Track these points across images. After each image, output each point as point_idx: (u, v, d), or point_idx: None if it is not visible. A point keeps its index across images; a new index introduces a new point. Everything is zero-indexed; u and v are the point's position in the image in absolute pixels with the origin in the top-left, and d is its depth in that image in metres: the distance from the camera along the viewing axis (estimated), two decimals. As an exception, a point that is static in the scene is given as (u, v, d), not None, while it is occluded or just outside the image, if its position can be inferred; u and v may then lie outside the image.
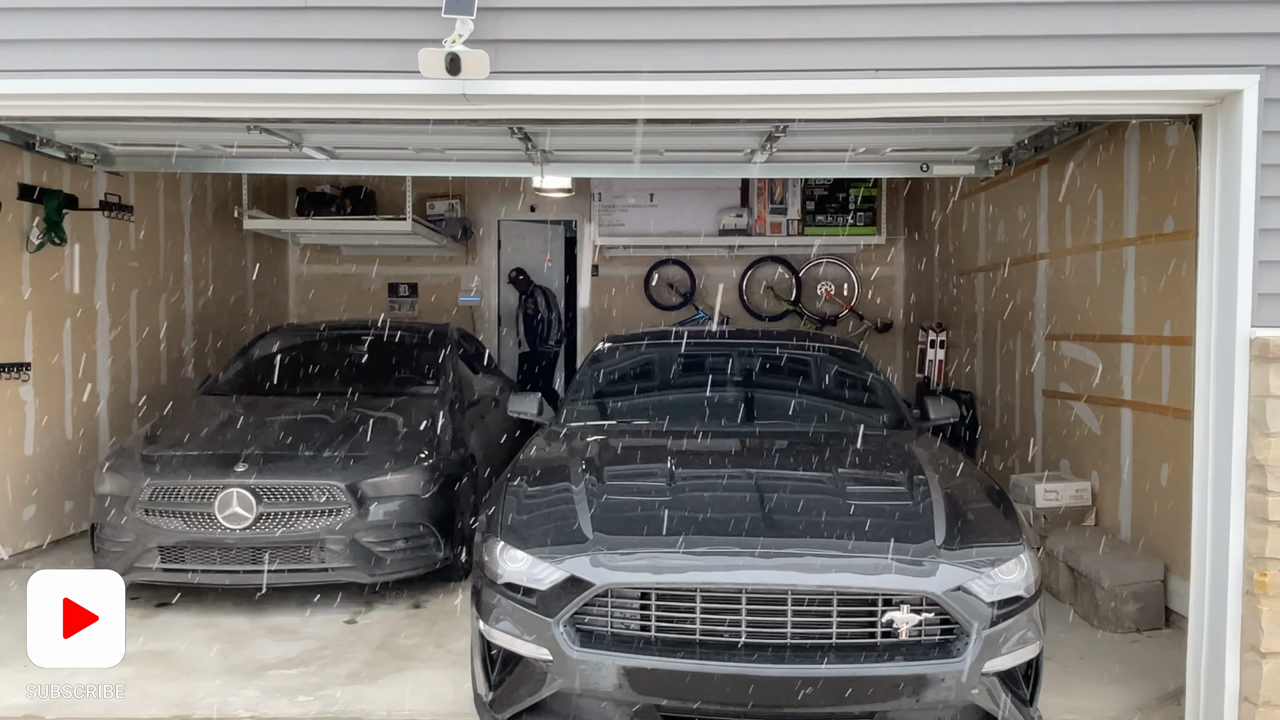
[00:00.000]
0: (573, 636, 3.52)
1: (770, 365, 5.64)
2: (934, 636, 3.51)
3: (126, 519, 5.55)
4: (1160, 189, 5.47)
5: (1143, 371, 5.70)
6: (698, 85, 4.02)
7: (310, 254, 11.23)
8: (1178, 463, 5.06)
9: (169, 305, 8.56)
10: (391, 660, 4.92)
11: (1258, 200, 3.90)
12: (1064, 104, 4.21)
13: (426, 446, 6.03)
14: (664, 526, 3.74)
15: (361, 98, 4.13)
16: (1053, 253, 6.95)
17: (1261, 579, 3.91)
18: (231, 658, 4.96)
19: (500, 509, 4.03)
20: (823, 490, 4.03)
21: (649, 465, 4.46)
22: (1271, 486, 3.88)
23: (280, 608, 5.66)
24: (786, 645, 3.47)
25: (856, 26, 3.93)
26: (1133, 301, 5.80)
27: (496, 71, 3.84)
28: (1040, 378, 7.15)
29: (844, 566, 3.52)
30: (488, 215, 11.32)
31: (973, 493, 4.14)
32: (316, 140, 5.93)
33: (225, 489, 5.46)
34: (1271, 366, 3.88)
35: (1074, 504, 6.30)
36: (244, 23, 4.03)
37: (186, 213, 8.87)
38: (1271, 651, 3.92)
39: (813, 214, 10.16)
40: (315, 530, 5.51)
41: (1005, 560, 3.63)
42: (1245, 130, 3.90)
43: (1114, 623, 5.31)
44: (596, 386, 5.69)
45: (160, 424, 6.36)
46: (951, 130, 5.67)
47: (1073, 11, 3.91)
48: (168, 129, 5.61)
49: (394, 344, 7.47)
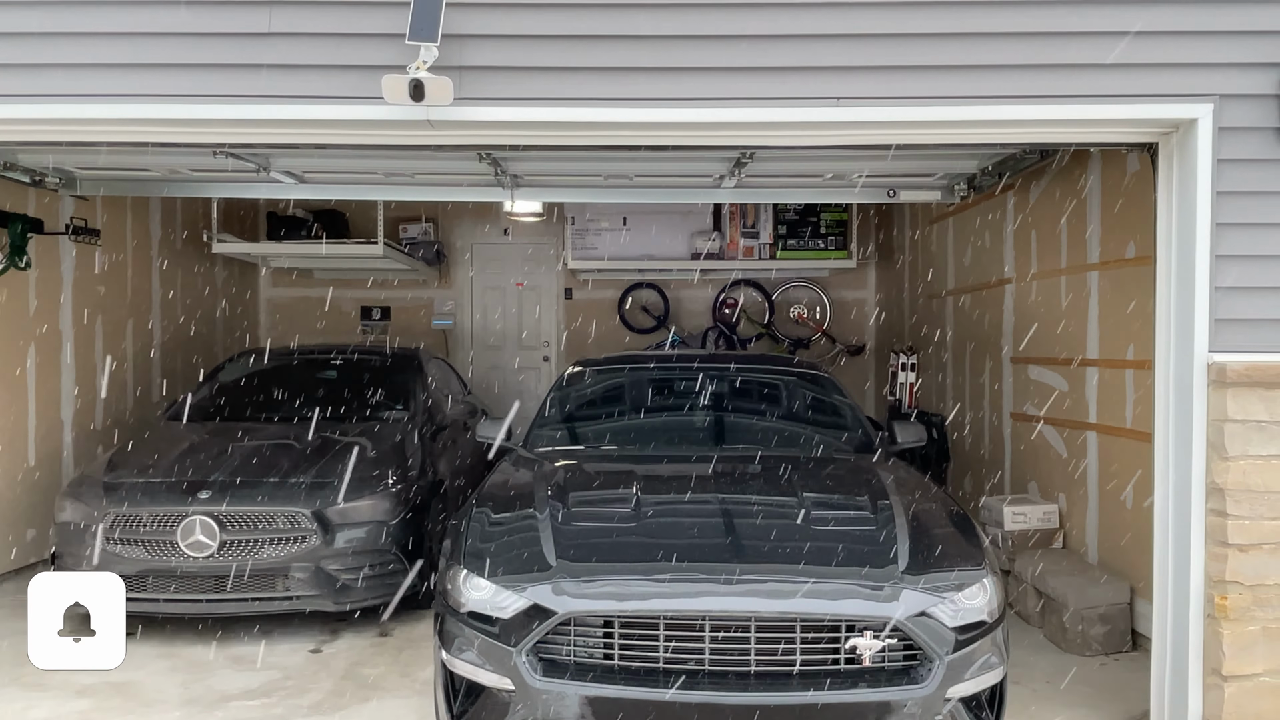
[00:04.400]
0: (535, 666, 3.49)
1: (737, 389, 5.65)
2: (897, 662, 3.50)
3: (88, 547, 5.45)
4: (1122, 215, 5.54)
5: (1107, 395, 5.75)
6: (662, 113, 4.05)
7: (281, 277, 11.17)
8: (1141, 486, 5.10)
9: (136, 329, 8.47)
10: (356, 690, 4.85)
11: (1213, 227, 3.97)
12: (1023, 132, 4.27)
13: (394, 472, 5.98)
14: (628, 553, 3.72)
15: (326, 123, 4.14)
16: (1019, 277, 7.03)
17: (1222, 602, 3.95)
18: (192, 689, 4.88)
19: (463, 536, 3.99)
20: (787, 516, 4.03)
21: (614, 491, 4.44)
22: (1230, 510, 3.93)
23: (244, 637, 5.57)
24: (750, 673, 3.45)
25: (817, 56, 3.98)
26: (1096, 326, 5.87)
27: (461, 98, 3.86)
28: (1008, 401, 7.21)
29: (807, 592, 3.51)
30: (461, 239, 11.32)
31: (937, 517, 4.15)
32: (284, 164, 5.92)
33: (188, 517, 5.38)
34: (1229, 391, 3.93)
35: (1042, 526, 6.33)
36: (208, 48, 4.03)
37: (155, 237, 8.81)
38: (1233, 675, 3.95)
39: (784, 238, 10.23)
40: (280, 558, 5.44)
41: (968, 585, 3.63)
42: (1200, 158, 3.98)
43: (1081, 645, 5.33)
44: (564, 411, 5.68)
45: (123, 450, 6.28)
46: (916, 157, 5.74)
47: (1030, 41, 3.99)
48: (133, 153, 5.58)
49: (363, 368, 7.42)
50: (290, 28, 3.99)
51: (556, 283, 11.44)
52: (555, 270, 11.35)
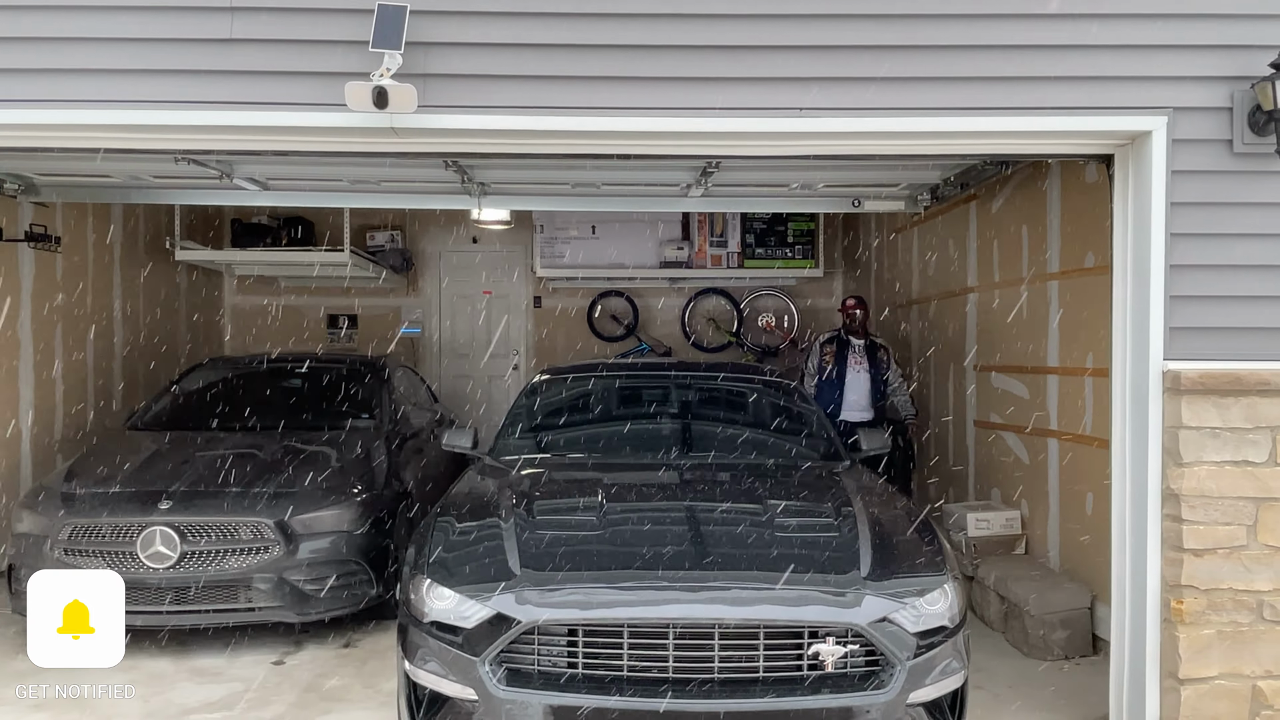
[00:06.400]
0: (499, 675, 3.48)
1: (704, 398, 5.67)
2: (860, 668, 3.53)
3: (45, 558, 5.36)
4: (1081, 226, 5.63)
5: (1067, 403, 5.83)
6: (627, 122, 4.06)
7: (247, 285, 11.06)
8: (1101, 492, 5.17)
9: (97, 338, 8.35)
10: (319, 702, 4.80)
11: (1168, 237, 4.05)
12: (983, 143, 4.33)
13: (359, 481, 5.93)
14: (592, 562, 3.72)
15: (290, 130, 4.11)
16: (981, 286, 7.11)
17: (1178, 606, 4.01)
18: (152, 702, 4.80)
19: (427, 545, 3.97)
20: (751, 523, 4.05)
21: (580, 499, 4.44)
22: (1186, 515, 4.00)
23: (205, 649, 5.50)
24: (714, 680, 3.46)
25: (780, 66, 4.02)
26: (1057, 335, 5.95)
27: (425, 105, 3.85)
28: (972, 408, 7.29)
29: (770, 599, 3.53)
30: (429, 246, 11.26)
31: (899, 524, 4.19)
32: (248, 171, 5.86)
33: (148, 527, 5.30)
34: (1184, 398, 4.00)
35: (1004, 533, 6.40)
36: (169, 54, 4.00)
37: (117, 244, 8.68)
38: (1189, 678, 4.02)
39: (752, 247, 10.28)
40: (242, 569, 5.37)
41: (930, 590, 3.67)
42: (1155, 170, 4.05)
43: (1043, 650, 5.39)
44: (531, 419, 5.67)
45: (82, 460, 6.18)
46: (880, 167, 5.80)
47: (989, 54, 4.05)
48: (93, 159, 5.47)
49: (329, 376, 7.35)
50: (252, 34, 3.96)
51: (525, 291, 11.40)
52: (524, 278, 11.32)
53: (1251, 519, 4.01)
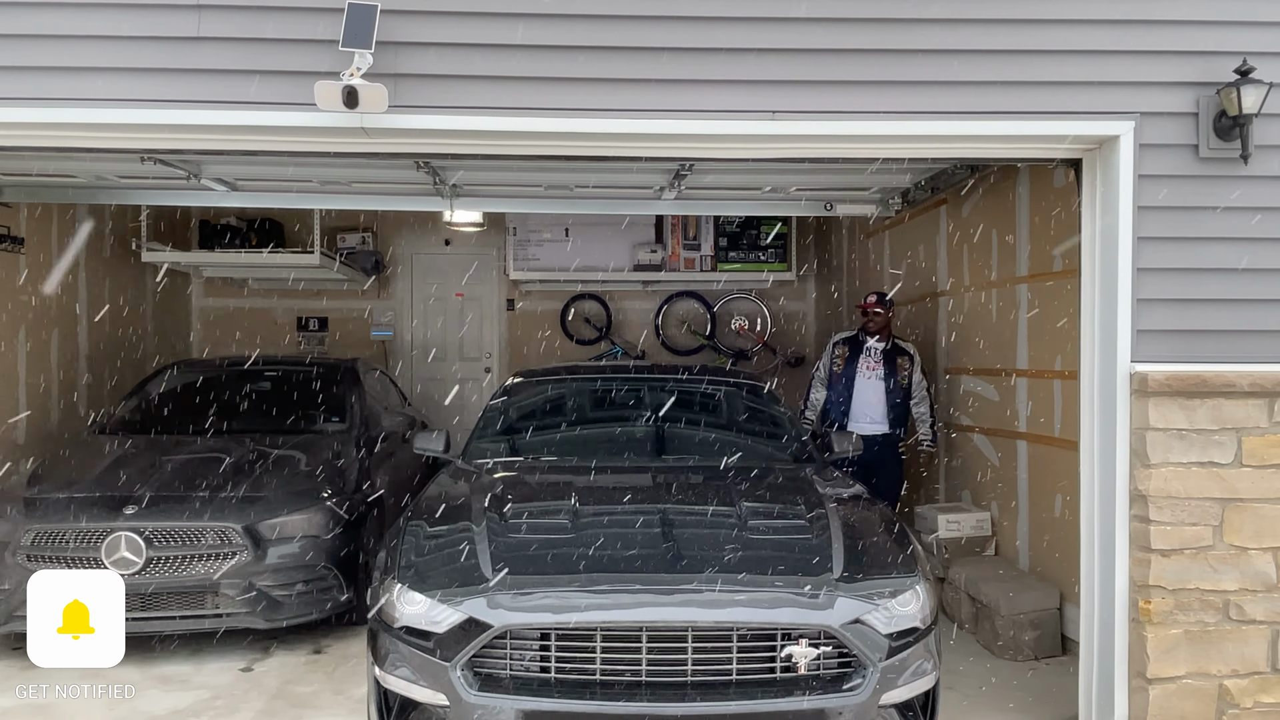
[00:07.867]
0: (471, 680, 3.45)
1: (677, 400, 5.66)
2: (832, 670, 3.53)
3: (6, 565, 5.26)
4: (1050, 229, 5.68)
5: (1036, 405, 5.88)
6: (599, 123, 4.06)
7: (215, 287, 10.92)
8: (1070, 493, 5.21)
9: (62, 340, 8.21)
10: (288, 709, 4.75)
11: (1135, 241, 4.10)
12: (953, 147, 4.36)
13: (329, 485, 5.87)
14: (564, 565, 3.70)
15: (257, 130, 4.07)
16: (952, 290, 7.16)
17: (1146, 606, 4.05)
18: (118, 710, 4.73)
19: (398, 550, 3.94)
20: (724, 526, 4.04)
21: (552, 502, 4.41)
22: (1153, 516, 4.04)
23: (172, 656, 5.42)
24: (687, 683, 3.45)
25: (752, 69, 4.03)
26: (1026, 337, 6.00)
27: (396, 105, 3.82)
28: (942, 411, 7.33)
29: (742, 602, 3.53)
30: (401, 248, 11.18)
31: (871, 525, 4.20)
32: (216, 171, 5.79)
33: (113, 532, 5.22)
34: (1151, 400, 4.05)
35: (975, 534, 6.44)
36: (135, 52, 3.95)
37: (82, 245, 8.54)
38: (1157, 678, 4.06)
39: (726, 250, 10.30)
40: (209, 574, 5.30)
41: (902, 592, 3.68)
42: (1122, 174, 4.10)
43: (1013, 651, 5.42)
44: (504, 422, 5.63)
45: (46, 464, 6.08)
46: (851, 171, 5.81)
47: (959, 58, 4.08)
48: (57, 159, 5.39)
49: (298, 380, 7.29)
50: (220, 32, 3.91)
51: (498, 293, 11.35)
52: (497, 281, 11.27)
53: (1218, 519, 4.06)
